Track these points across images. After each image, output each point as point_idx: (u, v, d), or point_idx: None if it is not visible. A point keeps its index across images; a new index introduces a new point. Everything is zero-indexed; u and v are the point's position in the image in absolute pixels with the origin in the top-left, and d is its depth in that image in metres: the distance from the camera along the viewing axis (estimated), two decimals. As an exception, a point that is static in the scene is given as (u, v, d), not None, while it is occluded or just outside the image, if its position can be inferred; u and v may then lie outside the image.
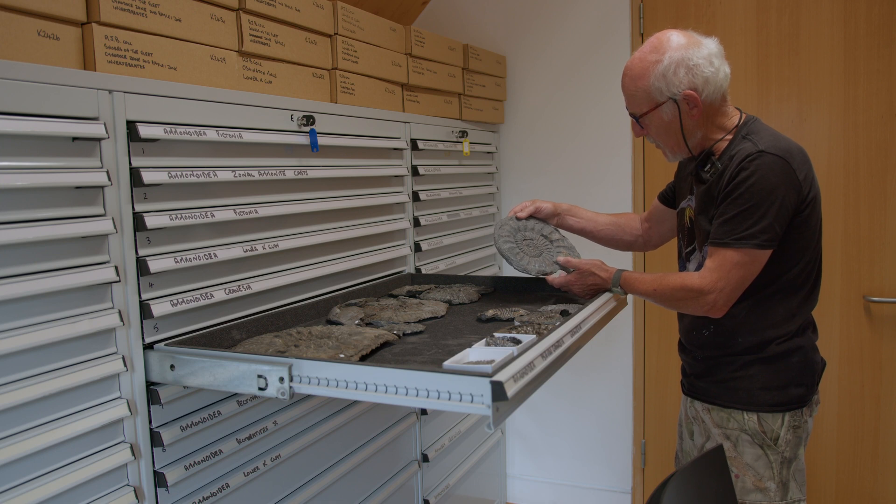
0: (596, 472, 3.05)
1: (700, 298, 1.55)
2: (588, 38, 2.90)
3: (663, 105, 1.59)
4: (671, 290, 1.60)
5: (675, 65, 1.56)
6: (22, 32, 1.15)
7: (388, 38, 2.19)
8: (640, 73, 1.60)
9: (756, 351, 1.63)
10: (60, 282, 1.17)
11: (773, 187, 1.50)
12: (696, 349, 1.74)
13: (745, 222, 1.50)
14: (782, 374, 1.61)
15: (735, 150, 1.57)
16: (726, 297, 1.54)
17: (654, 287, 1.64)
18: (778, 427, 1.61)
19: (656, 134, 1.66)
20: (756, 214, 1.50)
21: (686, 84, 1.56)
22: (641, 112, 1.63)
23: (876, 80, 2.48)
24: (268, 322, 1.62)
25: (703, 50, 1.57)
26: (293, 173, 1.71)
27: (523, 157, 3.08)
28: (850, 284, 2.57)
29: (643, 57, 1.60)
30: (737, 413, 1.63)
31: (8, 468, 1.12)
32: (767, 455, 1.61)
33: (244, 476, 1.53)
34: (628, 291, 1.72)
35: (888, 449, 2.58)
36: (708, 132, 1.63)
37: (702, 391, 1.72)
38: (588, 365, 2.97)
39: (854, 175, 2.54)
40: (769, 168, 1.50)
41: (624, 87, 1.66)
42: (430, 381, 1.11)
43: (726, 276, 1.52)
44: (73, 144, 1.21)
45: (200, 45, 1.50)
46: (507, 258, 1.85)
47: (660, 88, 1.57)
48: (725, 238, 1.52)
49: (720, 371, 1.68)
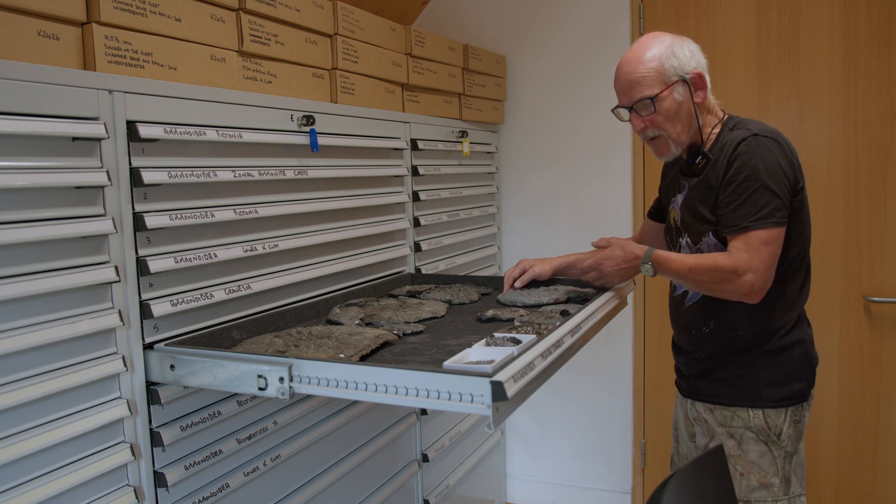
0: (596, 472, 3.05)
1: (735, 280, 1.50)
2: (588, 38, 2.90)
3: (675, 85, 1.59)
4: (705, 270, 1.54)
5: (681, 47, 1.60)
6: (22, 32, 1.15)
7: (388, 38, 2.19)
8: (648, 54, 1.59)
9: (758, 345, 1.63)
10: (60, 282, 1.17)
11: (774, 166, 1.52)
12: (695, 349, 1.73)
13: (758, 202, 1.50)
14: (785, 369, 1.62)
15: (725, 139, 1.60)
16: (763, 279, 1.51)
17: (689, 266, 1.56)
18: (781, 422, 1.61)
19: (665, 119, 1.61)
20: (767, 193, 1.50)
21: (694, 65, 1.60)
22: (654, 93, 1.58)
23: (876, 80, 2.48)
24: (268, 322, 1.62)
25: (692, 43, 1.64)
26: (293, 173, 1.71)
27: (523, 156, 3.08)
28: (850, 284, 2.57)
29: (644, 43, 1.62)
30: (741, 410, 1.63)
31: (8, 468, 1.11)
32: (772, 451, 1.61)
33: (244, 476, 1.53)
34: (659, 270, 1.63)
35: (888, 449, 2.58)
36: (704, 122, 1.65)
37: (703, 391, 1.71)
38: (588, 365, 2.97)
39: (854, 175, 2.54)
40: (767, 148, 1.53)
41: (629, 73, 1.61)
42: (430, 381, 1.11)
43: (757, 255, 1.49)
44: (73, 144, 1.21)
45: (200, 45, 1.50)
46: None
47: (673, 66, 1.58)
48: (744, 221, 1.51)
49: (722, 370, 1.67)
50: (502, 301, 1.86)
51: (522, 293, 1.87)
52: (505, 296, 1.88)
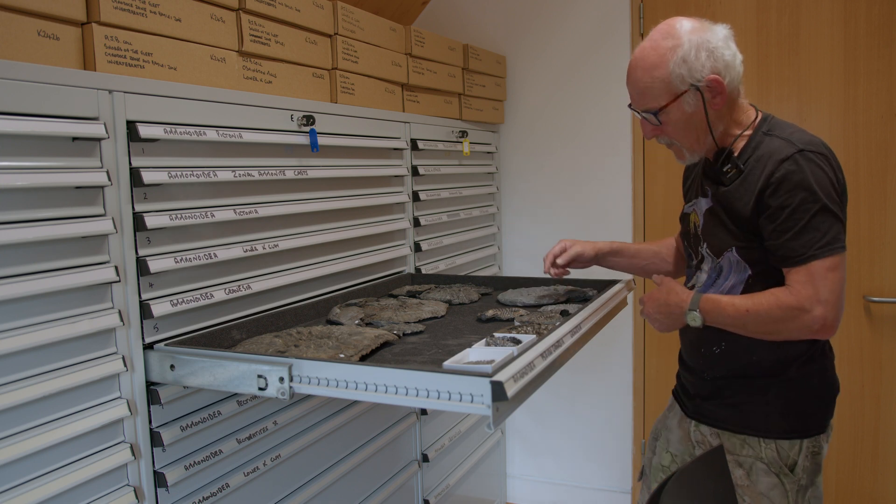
0: (596, 472, 3.05)
1: (803, 316, 1.35)
2: (588, 38, 2.90)
3: (685, 95, 1.42)
4: (766, 309, 1.37)
5: (696, 48, 1.41)
6: (22, 32, 1.15)
7: (388, 38, 2.19)
8: (656, 61, 1.43)
9: (774, 374, 1.49)
10: (60, 282, 1.17)
11: (828, 186, 1.37)
12: (703, 368, 1.59)
13: (821, 228, 1.35)
14: (802, 400, 1.49)
15: (762, 150, 1.44)
16: (835, 310, 1.35)
17: (746, 308, 1.39)
18: (795, 454, 1.48)
19: (675, 130, 1.48)
20: (829, 218, 1.36)
21: (709, 69, 1.41)
22: (660, 105, 1.44)
23: (876, 80, 2.48)
24: (268, 322, 1.62)
25: (718, 33, 1.45)
26: (293, 173, 1.71)
27: (523, 156, 3.08)
28: (850, 284, 2.57)
29: (656, 44, 1.44)
30: (752, 440, 1.50)
31: (8, 468, 1.12)
32: (784, 483, 1.48)
33: (244, 476, 1.53)
34: (708, 318, 1.45)
35: (888, 449, 2.58)
36: (728, 127, 1.50)
37: (710, 414, 1.58)
38: (588, 365, 2.96)
39: (854, 175, 2.53)
40: (818, 166, 1.37)
41: (636, 80, 1.47)
42: (430, 381, 1.11)
43: (824, 285, 1.34)
44: (73, 144, 1.21)
45: (200, 45, 1.50)
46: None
47: (681, 75, 1.41)
48: (807, 251, 1.35)
49: (732, 393, 1.54)
50: (502, 301, 1.86)
51: (522, 293, 1.87)
52: (505, 296, 1.88)
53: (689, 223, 1.64)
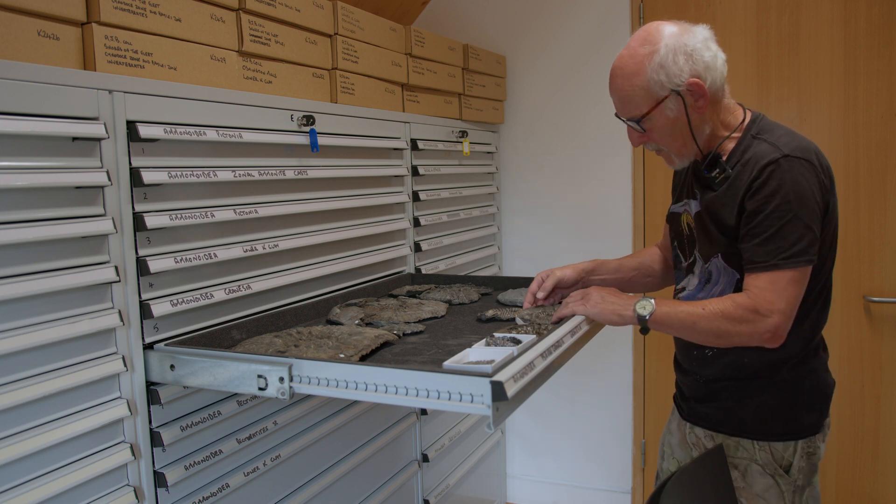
0: (596, 472, 3.05)
1: (758, 322, 1.34)
2: (588, 38, 2.90)
3: (666, 100, 1.41)
4: (722, 307, 1.36)
5: (673, 52, 1.39)
6: (22, 32, 1.15)
7: (388, 38, 2.19)
8: (634, 69, 1.42)
9: (765, 376, 1.49)
10: (60, 282, 1.17)
11: (807, 195, 1.35)
12: (696, 370, 1.59)
13: (789, 238, 1.34)
14: (794, 401, 1.49)
15: (749, 154, 1.43)
16: (788, 322, 1.35)
17: (702, 305, 1.38)
18: (790, 455, 1.48)
19: (660, 136, 1.47)
20: (798, 228, 1.34)
21: (688, 72, 1.39)
22: (642, 113, 1.44)
23: (876, 80, 2.48)
24: (268, 322, 1.62)
25: (697, 35, 1.43)
26: (293, 173, 1.71)
27: (523, 157, 3.08)
28: (850, 284, 2.57)
29: (633, 52, 1.43)
30: (746, 442, 1.50)
31: (8, 468, 1.12)
32: (779, 484, 1.48)
33: (244, 476, 1.53)
34: (659, 308, 1.41)
35: (888, 449, 2.58)
36: (715, 128, 1.48)
37: (704, 417, 1.58)
38: (588, 365, 2.97)
39: (854, 175, 2.53)
40: (798, 173, 1.35)
41: (616, 89, 1.46)
42: (430, 381, 1.11)
43: (784, 296, 1.33)
44: (73, 144, 1.21)
45: (200, 45, 1.50)
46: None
47: (660, 82, 1.40)
48: (772, 259, 1.35)
49: (725, 396, 1.54)
50: (502, 301, 1.86)
51: (522, 293, 1.87)
52: (505, 296, 1.88)
53: (680, 223, 1.62)
